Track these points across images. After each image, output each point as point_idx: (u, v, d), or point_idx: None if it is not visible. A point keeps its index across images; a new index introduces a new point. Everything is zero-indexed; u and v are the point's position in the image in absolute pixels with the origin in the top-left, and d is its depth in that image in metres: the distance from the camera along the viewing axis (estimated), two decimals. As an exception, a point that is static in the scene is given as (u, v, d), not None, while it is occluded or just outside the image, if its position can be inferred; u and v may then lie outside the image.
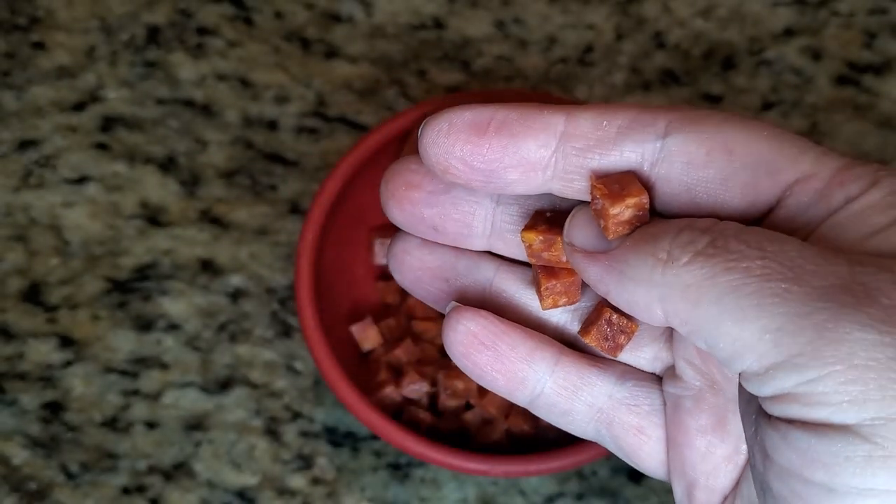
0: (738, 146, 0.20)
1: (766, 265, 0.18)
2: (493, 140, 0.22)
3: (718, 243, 0.19)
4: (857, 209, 0.19)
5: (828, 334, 0.17)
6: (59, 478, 0.42)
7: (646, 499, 0.41)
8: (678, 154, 0.20)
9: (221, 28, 0.50)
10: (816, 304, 0.17)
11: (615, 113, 0.21)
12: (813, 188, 0.20)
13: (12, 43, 0.50)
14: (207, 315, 0.45)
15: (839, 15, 0.50)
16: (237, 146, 0.48)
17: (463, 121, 0.22)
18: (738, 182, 0.20)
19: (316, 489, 0.42)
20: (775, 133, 0.21)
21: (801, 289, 0.18)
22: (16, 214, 0.46)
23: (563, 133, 0.21)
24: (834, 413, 0.17)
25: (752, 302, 0.18)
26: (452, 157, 0.22)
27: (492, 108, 0.22)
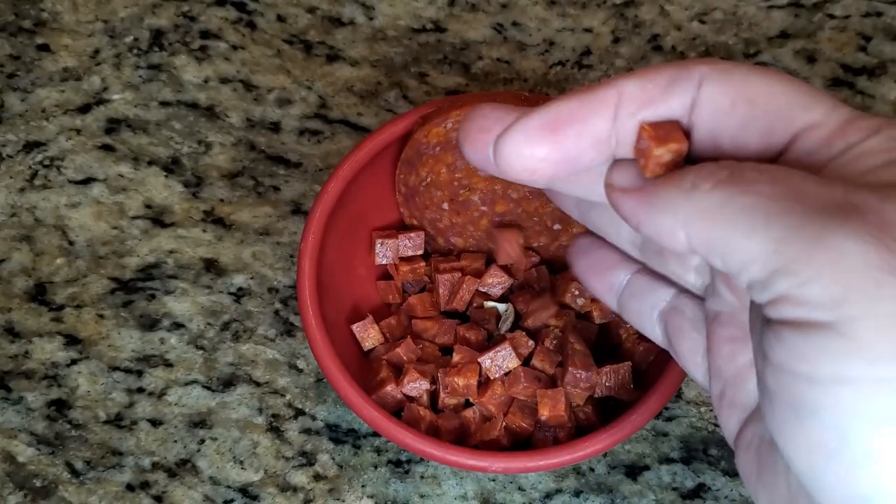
0: (759, 96, 0.23)
1: (775, 189, 0.21)
2: (569, 132, 0.24)
3: (736, 174, 0.21)
4: (856, 153, 0.21)
5: (820, 243, 0.19)
6: (64, 475, 0.42)
7: (643, 495, 0.42)
8: (708, 103, 0.23)
9: (225, 31, 0.51)
10: (814, 218, 0.20)
11: (656, 74, 0.24)
12: (818, 135, 0.22)
13: (17, 45, 0.50)
14: (211, 314, 0.45)
15: (834, 18, 0.51)
16: (240, 148, 0.48)
17: (535, 126, 0.24)
18: (755, 128, 0.23)
19: (318, 485, 0.42)
20: (795, 85, 0.23)
21: (802, 206, 0.20)
22: (21, 215, 0.47)
23: (616, 103, 0.24)
24: (817, 311, 0.19)
25: (761, 218, 0.20)
26: (538, 160, 0.24)
27: (553, 107, 0.24)
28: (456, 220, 0.43)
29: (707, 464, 0.42)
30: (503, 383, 0.40)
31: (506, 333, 0.42)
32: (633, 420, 0.37)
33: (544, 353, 0.41)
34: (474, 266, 0.43)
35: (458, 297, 0.43)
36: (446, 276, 0.43)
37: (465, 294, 0.43)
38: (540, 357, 0.41)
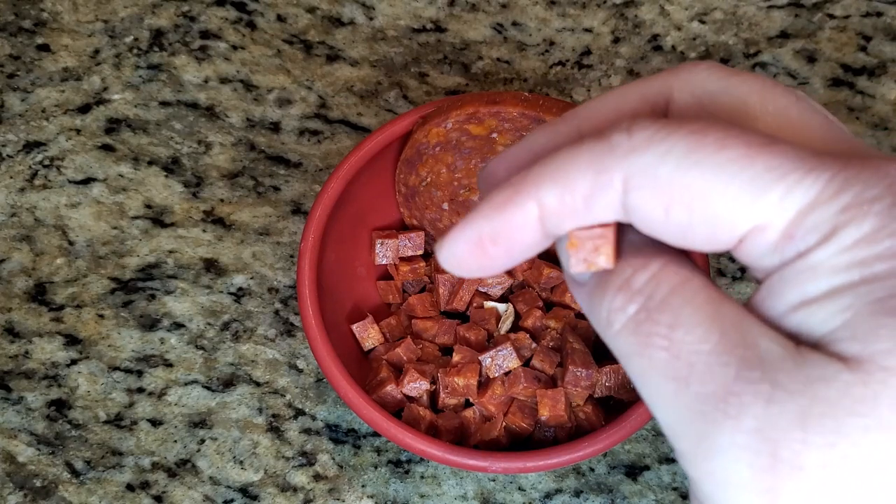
0: (693, 199, 0.20)
1: (665, 360, 0.19)
2: (496, 249, 0.22)
3: (640, 317, 0.20)
4: (800, 269, 0.19)
5: (699, 447, 0.19)
6: (64, 475, 0.42)
7: (643, 495, 0.42)
8: (639, 213, 0.20)
9: (225, 31, 0.51)
10: (695, 413, 0.19)
11: (575, 178, 0.21)
12: (765, 240, 0.20)
13: (18, 45, 0.50)
14: (211, 314, 0.45)
15: (834, 18, 0.51)
16: (240, 148, 0.48)
17: (463, 244, 0.22)
18: (697, 236, 0.20)
19: (318, 485, 0.42)
20: (737, 168, 0.19)
21: (687, 393, 0.19)
22: (21, 215, 0.47)
23: (539, 217, 0.21)
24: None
25: (654, 394, 0.20)
26: (475, 269, 0.23)
27: (474, 224, 0.22)
28: (456, 220, 0.43)
29: (707, 464, 0.42)
30: (503, 383, 0.40)
31: (506, 333, 0.42)
32: (633, 420, 0.37)
33: (544, 353, 0.41)
34: (474, 266, 0.43)
35: (458, 297, 0.43)
36: (446, 276, 0.43)
37: (465, 294, 0.43)
38: (540, 357, 0.41)
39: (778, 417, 0.18)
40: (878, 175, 0.19)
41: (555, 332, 0.42)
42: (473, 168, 0.41)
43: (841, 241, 0.18)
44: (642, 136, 0.20)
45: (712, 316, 0.19)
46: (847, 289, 0.18)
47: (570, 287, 0.23)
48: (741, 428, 0.18)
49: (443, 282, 0.43)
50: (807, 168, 0.19)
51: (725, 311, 0.19)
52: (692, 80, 0.23)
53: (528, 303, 0.43)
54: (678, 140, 0.20)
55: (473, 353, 0.41)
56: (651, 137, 0.20)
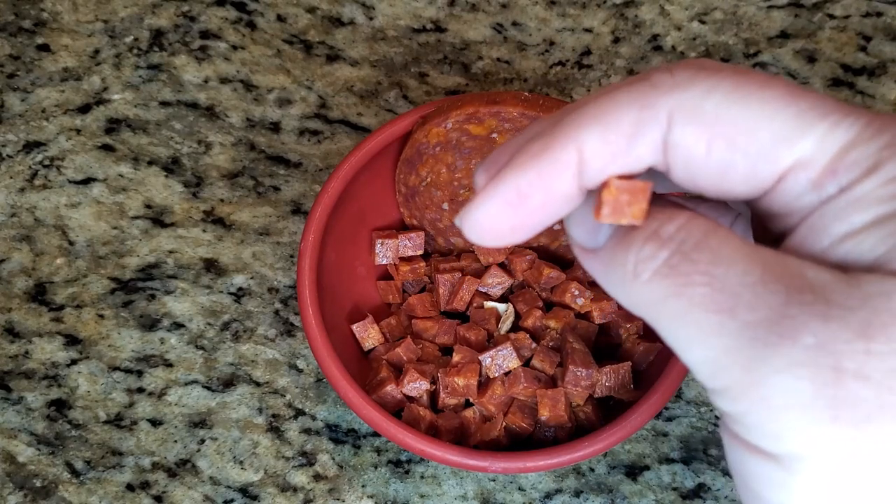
0: (737, 134, 0.20)
1: (708, 294, 0.19)
2: (532, 204, 0.21)
3: (674, 261, 0.20)
4: (843, 204, 0.19)
5: (752, 374, 0.18)
6: (64, 475, 0.42)
7: (643, 495, 0.42)
8: (681, 149, 0.20)
9: (225, 31, 0.51)
10: (745, 340, 0.18)
11: (618, 118, 0.20)
12: (806, 177, 0.20)
13: (18, 45, 0.50)
14: (211, 314, 0.45)
15: (834, 18, 0.51)
16: (240, 148, 0.48)
17: (497, 203, 0.21)
18: (737, 172, 0.20)
19: (318, 485, 0.42)
20: (783, 105, 0.20)
21: (734, 323, 0.18)
22: (21, 215, 0.47)
23: (578, 162, 0.21)
24: (760, 440, 0.19)
25: (693, 331, 0.19)
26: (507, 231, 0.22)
27: (511, 179, 0.21)
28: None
29: (707, 464, 0.42)
30: (503, 383, 0.40)
31: (506, 333, 0.42)
32: (633, 420, 0.37)
33: (544, 353, 0.41)
34: (474, 266, 0.43)
35: (458, 297, 0.43)
36: (446, 276, 0.43)
37: (465, 294, 0.43)
38: (540, 357, 0.41)
39: (839, 331, 0.18)
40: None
41: (555, 332, 0.42)
42: (473, 168, 0.41)
43: (885, 173, 0.19)
44: (685, 74, 0.20)
45: (751, 254, 0.19)
46: (894, 215, 0.19)
47: (579, 254, 0.22)
48: (800, 345, 0.18)
49: (443, 282, 0.43)
50: (845, 112, 0.20)
51: (762, 250, 0.19)
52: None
53: (528, 303, 0.43)
54: (723, 77, 0.20)
55: (473, 353, 0.41)
56: (695, 75, 0.20)
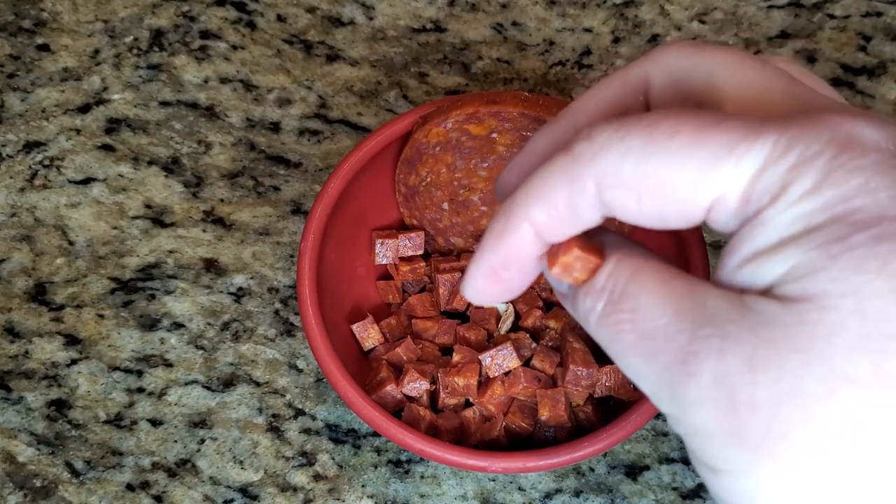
0: (658, 188, 0.21)
1: (633, 340, 0.22)
2: (508, 274, 0.24)
3: (606, 310, 0.23)
4: (754, 226, 0.21)
5: (676, 408, 0.21)
6: (64, 475, 0.42)
7: (643, 495, 0.42)
8: (616, 208, 0.23)
9: (224, 31, 0.51)
10: (665, 381, 0.21)
11: (552, 190, 0.23)
12: (728, 208, 0.21)
13: (17, 45, 0.50)
14: (211, 314, 0.45)
15: (834, 18, 0.51)
16: (240, 148, 0.48)
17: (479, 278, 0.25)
18: (670, 214, 0.22)
19: (318, 485, 0.42)
20: (689, 150, 0.21)
21: (655, 365, 0.21)
22: (21, 215, 0.47)
23: (535, 233, 0.24)
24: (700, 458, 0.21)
25: (634, 370, 0.22)
26: (499, 295, 0.25)
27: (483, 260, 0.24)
28: (456, 220, 0.43)
29: (707, 464, 0.42)
30: (503, 383, 0.40)
31: (506, 333, 0.42)
32: (633, 420, 0.37)
33: (544, 353, 0.41)
34: (474, 266, 0.43)
35: (458, 297, 0.43)
36: (446, 276, 0.43)
37: (465, 294, 0.43)
38: (540, 357, 0.41)
39: (731, 365, 0.20)
40: (819, 130, 0.20)
41: (555, 332, 0.42)
42: (473, 168, 0.41)
43: (789, 197, 0.20)
44: (601, 139, 0.22)
45: (665, 293, 0.21)
46: (793, 239, 0.20)
47: (560, 300, 0.25)
48: (702, 381, 0.20)
49: (443, 282, 0.43)
50: (755, 136, 0.21)
51: (676, 285, 0.21)
52: (666, 61, 0.24)
53: (528, 303, 0.43)
54: (634, 137, 0.22)
55: (473, 353, 0.41)
56: (609, 139, 0.22)
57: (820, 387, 0.19)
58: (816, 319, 0.19)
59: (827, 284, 0.19)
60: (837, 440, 0.19)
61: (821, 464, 0.19)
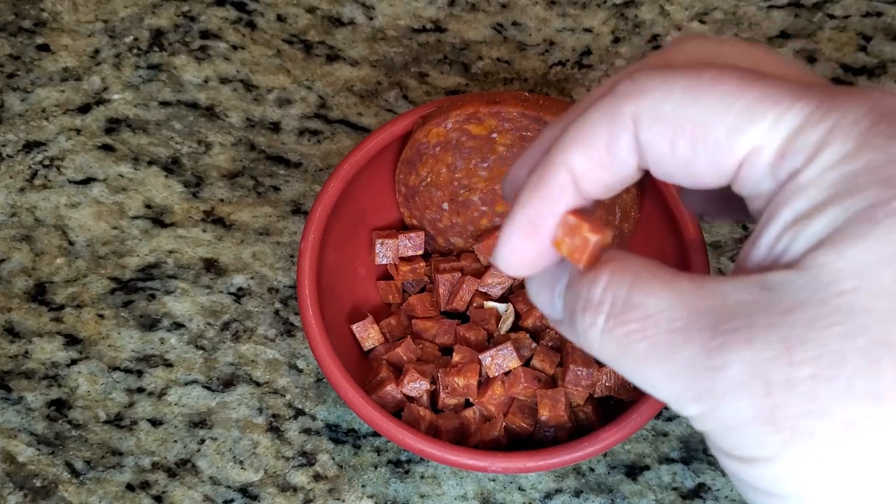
0: (696, 128, 0.21)
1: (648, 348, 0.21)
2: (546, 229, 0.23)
3: (610, 325, 0.21)
4: (792, 189, 0.21)
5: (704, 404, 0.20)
6: (64, 475, 0.42)
7: (643, 495, 0.42)
8: (649, 150, 0.22)
9: (225, 31, 0.51)
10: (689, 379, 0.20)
11: (593, 132, 0.23)
12: (762, 162, 0.21)
13: (18, 45, 0.50)
14: (211, 314, 0.45)
15: (834, 18, 0.51)
16: (240, 148, 0.48)
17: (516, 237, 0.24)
18: (701, 163, 0.22)
19: (318, 485, 0.42)
20: (732, 98, 0.21)
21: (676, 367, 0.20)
22: (21, 215, 0.47)
23: (573, 181, 0.23)
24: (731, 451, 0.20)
25: (650, 379, 0.21)
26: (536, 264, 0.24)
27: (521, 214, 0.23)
28: (456, 220, 0.43)
29: (707, 464, 0.42)
30: (503, 383, 0.40)
31: (507, 333, 0.42)
32: (633, 420, 0.37)
33: (544, 353, 0.41)
34: (474, 266, 0.43)
35: (458, 297, 0.43)
36: (446, 276, 0.43)
37: (465, 294, 0.43)
38: (540, 357, 0.41)
39: (761, 351, 0.19)
40: (859, 100, 0.20)
41: (554, 332, 0.42)
42: (473, 168, 0.41)
43: (827, 158, 0.20)
44: (645, 80, 0.22)
45: (673, 295, 0.21)
46: (833, 200, 0.20)
47: (556, 326, 0.25)
48: (730, 374, 0.19)
49: (443, 282, 0.43)
50: (796, 96, 0.21)
51: (682, 286, 0.21)
52: (687, 49, 0.24)
53: (529, 303, 0.43)
54: (678, 80, 0.22)
55: (473, 353, 0.41)
56: (652, 80, 0.22)
57: (861, 358, 0.18)
58: (855, 288, 0.19)
59: (867, 250, 0.19)
60: (880, 411, 0.18)
61: (862, 438, 0.18)
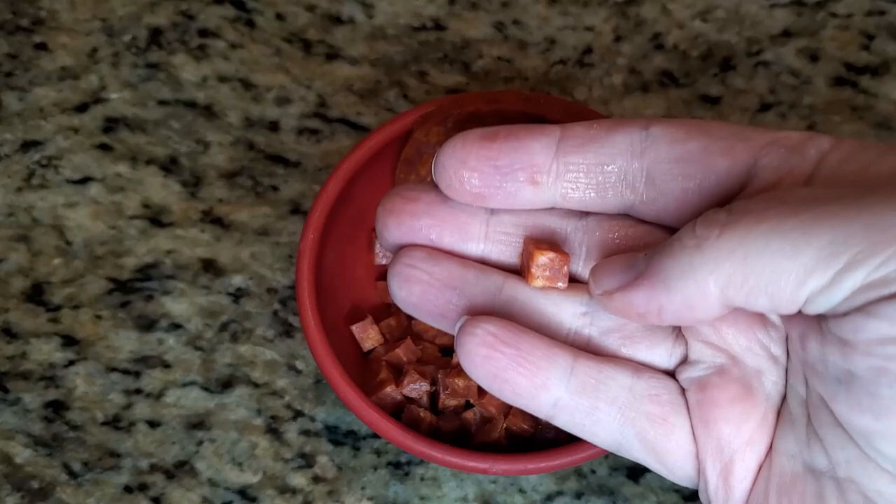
0: (711, 126, 0.23)
1: (792, 206, 0.20)
2: (503, 144, 0.24)
3: (736, 211, 0.21)
4: (840, 156, 0.21)
5: (873, 230, 0.19)
6: (61, 476, 0.42)
7: (644, 497, 0.41)
8: (662, 136, 0.23)
9: (223, 30, 0.50)
10: (855, 214, 0.19)
11: (600, 122, 0.24)
12: (785, 145, 0.22)
13: (15, 44, 0.50)
14: (209, 315, 0.45)
15: (837, 16, 0.51)
16: (239, 147, 0.48)
17: (474, 135, 0.24)
18: (716, 149, 0.22)
19: (317, 487, 0.42)
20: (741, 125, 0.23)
21: (834, 206, 0.20)
22: (18, 215, 0.47)
23: (560, 137, 0.23)
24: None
25: (798, 232, 0.20)
26: (467, 167, 0.24)
27: (498, 126, 0.24)
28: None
29: (709, 465, 0.42)
30: (504, 384, 0.40)
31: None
32: (635, 422, 0.36)
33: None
34: (475, 266, 0.43)
35: (459, 297, 0.42)
36: (446, 276, 0.43)
37: (465, 294, 0.42)
38: (541, 358, 0.40)
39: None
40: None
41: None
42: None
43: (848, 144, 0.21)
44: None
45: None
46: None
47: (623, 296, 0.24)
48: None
49: (443, 282, 0.43)
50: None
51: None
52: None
53: None
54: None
55: (474, 354, 0.40)
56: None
57: None
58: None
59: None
60: None
61: None
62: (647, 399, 0.25)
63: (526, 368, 0.24)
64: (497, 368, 0.24)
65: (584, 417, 0.25)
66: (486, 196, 0.24)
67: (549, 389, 0.24)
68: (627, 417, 0.25)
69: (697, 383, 0.25)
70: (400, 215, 0.26)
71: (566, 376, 0.24)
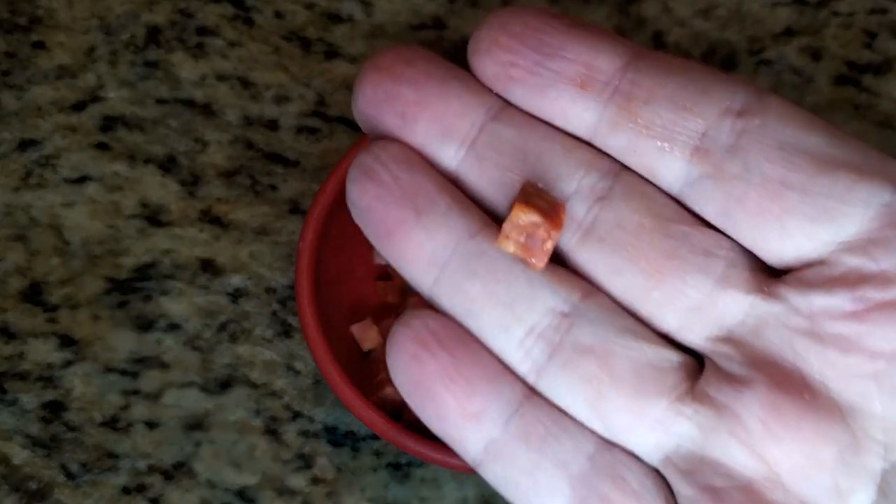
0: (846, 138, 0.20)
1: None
2: (566, 26, 0.18)
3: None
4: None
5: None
6: (59, 477, 0.42)
7: (646, 498, 0.41)
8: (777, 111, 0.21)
9: (221, 28, 0.50)
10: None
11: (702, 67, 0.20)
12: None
13: (12, 42, 0.50)
14: (207, 315, 0.45)
15: (839, 15, 0.50)
16: (237, 146, 0.48)
17: (536, 8, 0.19)
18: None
19: (316, 489, 0.42)
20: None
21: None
22: (16, 214, 0.46)
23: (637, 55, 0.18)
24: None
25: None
26: (508, 32, 0.19)
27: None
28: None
29: (711, 467, 0.42)
30: (504, 385, 0.40)
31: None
32: (637, 423, 0.36)
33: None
34: (475, 266, 0.43)
35: (459, 297, 0.42)
36: (446, 276, 0.42)
37: (465, 294, 0.42)
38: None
39: None
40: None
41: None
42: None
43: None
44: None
45: None
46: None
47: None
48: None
49: (443, 282, 0.42)
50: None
51: None
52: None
53: None
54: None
55: (474, 355, 0.40)
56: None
57: None
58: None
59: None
60: None
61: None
62: (609, 480, 0.17)
63: (458, 385, 0.18)
64: (422, 375, 0.18)
65: (521, 475, 0.18)
66: (512, 76, 0.19)
67: (482, 423, 0.18)
68: (577, 495, 0.17)
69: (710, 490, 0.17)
70: (381, 73, 0.20)
71: (509, 412, 0.18)
